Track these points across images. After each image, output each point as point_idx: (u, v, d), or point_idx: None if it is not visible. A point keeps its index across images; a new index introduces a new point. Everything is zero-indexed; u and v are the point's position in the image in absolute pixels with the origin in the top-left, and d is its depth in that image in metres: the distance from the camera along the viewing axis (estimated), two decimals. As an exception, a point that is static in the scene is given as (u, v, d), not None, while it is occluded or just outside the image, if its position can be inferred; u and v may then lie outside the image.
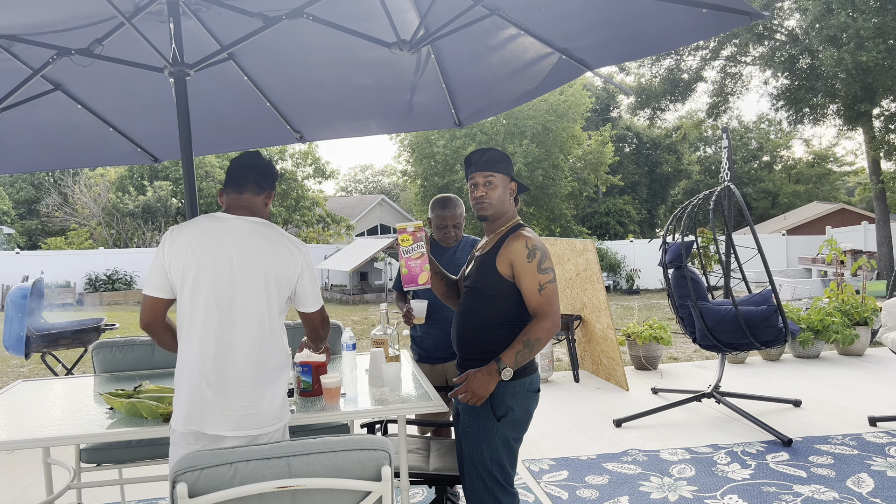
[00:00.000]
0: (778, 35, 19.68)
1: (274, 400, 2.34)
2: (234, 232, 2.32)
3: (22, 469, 4.71)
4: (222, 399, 2.26)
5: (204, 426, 2.26)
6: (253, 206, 2.43)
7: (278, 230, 2.42)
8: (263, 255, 2.31)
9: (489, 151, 2.70)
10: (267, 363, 2.33)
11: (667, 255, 5.39)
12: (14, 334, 5.74)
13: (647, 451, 4.68)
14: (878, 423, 5.09)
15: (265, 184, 2.46)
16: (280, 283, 2.35)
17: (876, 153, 19.17)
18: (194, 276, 2.27)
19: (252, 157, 2.48)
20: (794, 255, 22.64)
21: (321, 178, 34.33)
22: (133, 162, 4.82)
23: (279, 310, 2.38)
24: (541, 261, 2.55)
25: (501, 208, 2.68)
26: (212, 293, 2.27)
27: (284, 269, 2.35)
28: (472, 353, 2.67)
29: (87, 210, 27.84)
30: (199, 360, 2.27)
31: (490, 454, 2.60)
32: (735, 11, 2.79)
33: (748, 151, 39.51)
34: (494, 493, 2.63)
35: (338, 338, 3.90)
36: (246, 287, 2.29)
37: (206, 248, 2.28)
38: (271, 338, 2.34)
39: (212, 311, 2.27)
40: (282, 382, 2.39)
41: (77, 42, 3.28)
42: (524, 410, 2.62)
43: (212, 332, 2.27)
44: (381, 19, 3.37)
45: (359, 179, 66.77)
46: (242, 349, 2.28)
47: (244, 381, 2.28)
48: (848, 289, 8.14)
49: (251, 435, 2.29)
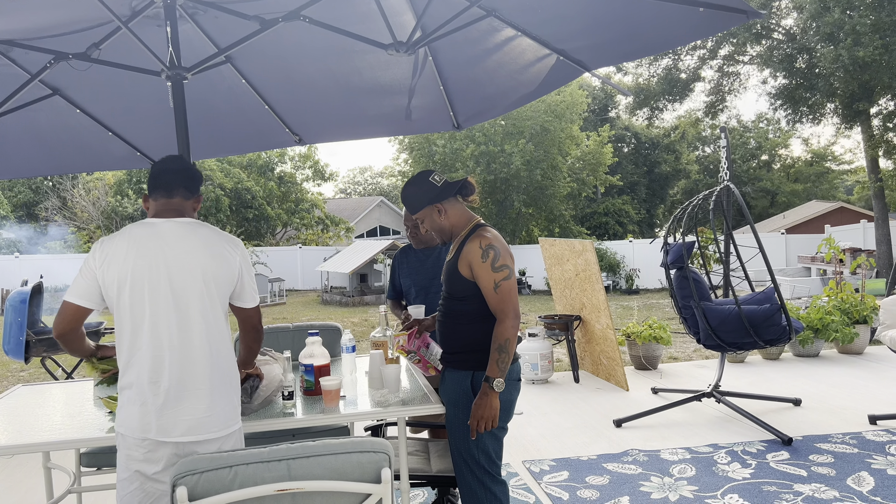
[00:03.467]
0: (776, 34, 19.70)
1: (228, 403, 2.31)
2: (167, 235, 2.28)
3: (22, 474, 4.70)
4: (177, 404, 2.22)
5: (157, 433, 2.22)
6: (183, 210, 2.39)
7: (212, 228, 2.37)
8: (200, 256, 2.27)
9: (403, 195, 2.83)
10: (219, 364, 2.29)
11: (668, 256, 5.39)
12: (14, 339, 5.73)
13: (648, 451, 4.68)
14: (878, 421, 5.09)
15: (194, 188, 2.42)
16: (220, 282, 2.30)
17: (874, 151, 19.19)
18: (131, 285, 2.23)
19: (177, 160, 2.44)
20: (793, 254, 22.65)
21: (320, 181, 34.35)
22: (132, 166, 4.82)
23: (223, 310, 2.33)
24: (494, 259, 2.61)
25: (447, 228, 2.79)
26: (154, 300, 2.23)
27: (223, 268, 2.30)
28: (451, 349, 2.79)
29: (85, 214, 27.83)
30: (150, 367, 2.22)
31: (476, 444, 2.70)
32: (732, 10, 2.80)
33: (747, 150, 39.54)
34: (484, 482, 2.73)
35: (337, 340, 3.91)
36: (186, 290, 2.25)
37: (139, 255, 2.24)
38: (219, 338, 2.30)
39: (158, 317, 2.23)
40: (234, 385, 2.35)
41: (75, 46, 3.28)
42: (506, 399, 2.71)
43: (161, 339, 2.23)
44: (378, 21, 3.37)
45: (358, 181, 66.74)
46: (194, 352, 2.24)
47: (199, 384, 2.24)
48: (847, 287, 8.14)
49: (205, 439, 2.25)
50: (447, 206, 2.76)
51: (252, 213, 28.94)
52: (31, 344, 5.82)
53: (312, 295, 23.17)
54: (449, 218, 2.77)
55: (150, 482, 2.25)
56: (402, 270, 3.97)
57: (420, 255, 3.91)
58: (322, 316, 16.62)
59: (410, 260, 3.94)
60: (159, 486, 2.26)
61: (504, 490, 2.77)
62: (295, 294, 23.80)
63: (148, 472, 2.24)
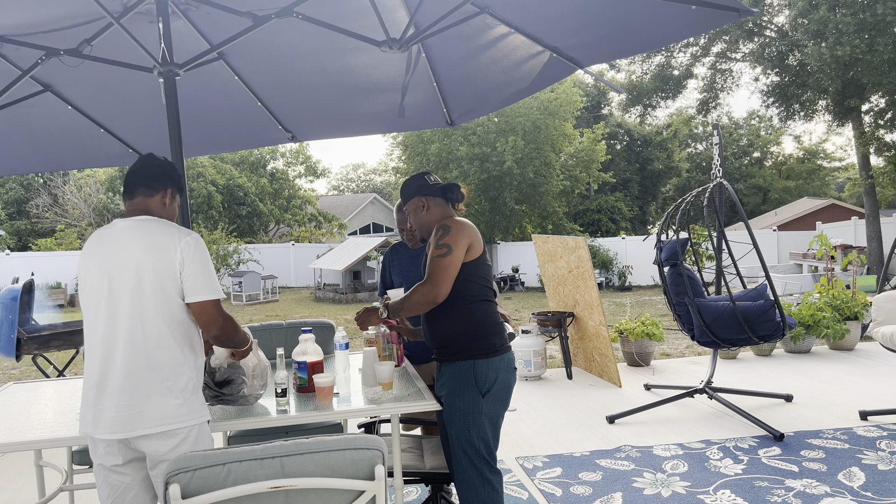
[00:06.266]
0: (767, 31, 19.76)
1: (160, 402, 2.24)
2: (116, 234, 2.32)
3: (14, 472, 4.69)
4: (105, 401, 2.23)
5: (89, 429, 2.27)
6: (147, 209, 2.40)
7: (162, 222, 2.35)
8: (135, 249, 2.26)
9: (401, 188, 3.02)
10: (147, 363, 2.24)
11: (662, 253, 5.40)
12: (5, 336, 5.71)
13: (640, 447, 4.70)
14: (868, 417, 5.12)
15: (157, 184, 2.42)
16: (158, 275, 2.25)
17: (865, 149, 19.27)
18: (82, 282, 2.33)
19: (143, 160, 2.45)
20: (785, 251, 22.74)
21: (313, 177, 34.29)
22: (124, 163, 4.79)
23: (163, 304, 2.26)
24: (441, 237, 2.73)
25: (428, 224, 2.94)
26: (97, 298, 2.29)
27: (160, 259, 2.25)
28: (441, 343, 2.84)
29: (77, 211, 27.70)
30: (91, 363, 2.28)
31: (477, 432, 2.74)
32: (724, 8, 2.81)
33: (739, 148, 39.67)
34: (483, 472, 2.76)
35: (331, 337, 3.91)
36: (121, 286, 2.26)
37: (91, 253, 2.32)
38: (156, 336, 2.25)
39: (99, 314, 2.28)
40: (172, 384, 2.27)
41: (66, 42, 3.27)
42: (504, 385, 2.80)
43: (99, 335, 2.27)
44: (371, 18, 3.37)
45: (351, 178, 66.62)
46: (122, 348, 2.24)
47: (123, 382, 2.22)
48: (838, 284, 8.18)
49: (136, 436, 2.23)
50: (431, 203, 2.92)
51: (245, 209, 28.86)
52: (22, 342, 5.79)
53: (305, 292, 23.13)
54: (430, 214, 2.93)
55: (113, 474, 2.30)
56: (394, 268, 3.97)
57: (412, 252, 3.91)
58: (315, 313, 16.59)
59: (402, 257, 3.94)
60: (122, 478, 2.30)
61: (500, 481, 2.82)
62: (288, 291, 23.76)
63: (107, 463, 2.29)
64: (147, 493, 2.36)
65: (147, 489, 2.36)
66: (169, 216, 2.45)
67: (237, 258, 22.29)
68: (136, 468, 2.32)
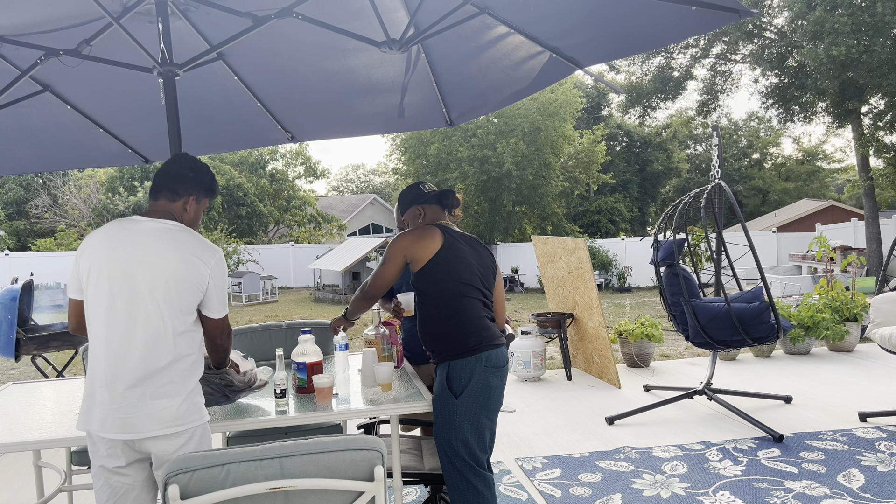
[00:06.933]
0: (767, 33, 19.77)
1: (170, 404, 2.25)
2: (144, 233, 2.29)
3: (13, 472, 4.68)
4: (115, 401, 2.22)
5: (94, 426, 2.25)
6: (169, 212, 2.40)
7: (192, 233, 2.36)
8: (171, 258, 2.26)
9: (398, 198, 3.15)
10: (162, 365, 2.25)
11: (658, 253, 5.40)
12: (4, 337, 5.71)
13: (640, 448, 4.70)
14: (868, 418, 5.12)
15: (182, 190, 2.41)
16: (189, 285, 2.28)
17: (865, 150, 19.27)
18: (96, 277, 2.26)
19: (172, 161, 2.44)
20: (784, 252, 22.77)
21: (312, 178, 34.29)
22: (124, 163, 4.79)
23: (182, 311, 2.29)
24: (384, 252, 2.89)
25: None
26: (112, 293, 2.24)
27: (193, 272, 2.28)
28: (428, 346, 2.91)
29: (77, 211, 27.69)
30: (101, 360, 2.25)
31: (455, 434, 2.73)
32: (724, 9, 2.80)
33: (738, 149, 39.71)
34: (465, 474, 2.74)
35: (330, 338, 3.90)
36: (150, 289, 2.24)
37: (110, 248, 2.27)
38: (172, 340, 2.26)
39: (112, 311, 2.24)
40: (181, 386, 2.28)
41: (65, 43, 3.26)
42: (483, 384, 2.76)
43: (113, 332, 2.24)
44: (371, 18, 3.37)
45: (350, 179, 66.63)
46: (137, 350, 2.23)
47: (135, 382, 2.22)
48: (838, 285, 8.18)
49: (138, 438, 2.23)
50: (428, 210, 3.02)
51: (244, 210, 28.86)
52: (21, 342, 5.79)
53: (305, 293, 23.13)
54: (426, 221, 2.99)
55: (114, 476, 2.28)
56: None
57: None
58: (315, 314, 16.59)
59: None
60: (124, 479, 2.28)
61: (486, 482, 2.76)
62: (287, 292, 23.75)
63: (109, 465, 2.27)
64: (148, 494, 2.36)
65: (148, 490, 2.35)
66: (189, 221, 2.45)
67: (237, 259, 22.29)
68: (139, 469, 2.31)
